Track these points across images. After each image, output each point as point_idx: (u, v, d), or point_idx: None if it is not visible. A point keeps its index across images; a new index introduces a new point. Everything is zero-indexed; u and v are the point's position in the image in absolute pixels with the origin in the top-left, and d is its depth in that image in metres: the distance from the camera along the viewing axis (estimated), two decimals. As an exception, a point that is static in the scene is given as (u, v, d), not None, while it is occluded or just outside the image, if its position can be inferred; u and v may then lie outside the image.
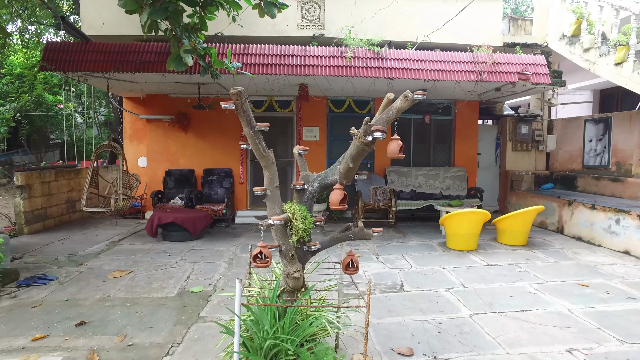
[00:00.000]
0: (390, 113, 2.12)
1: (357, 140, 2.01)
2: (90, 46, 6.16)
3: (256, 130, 2.16)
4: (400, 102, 2.12)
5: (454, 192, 8.83)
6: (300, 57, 6.39)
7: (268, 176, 2.30)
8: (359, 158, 2.11)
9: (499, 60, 6.55)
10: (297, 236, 2.29)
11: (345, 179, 2.19)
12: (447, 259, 5.81)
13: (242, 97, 2.07)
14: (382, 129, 1.94)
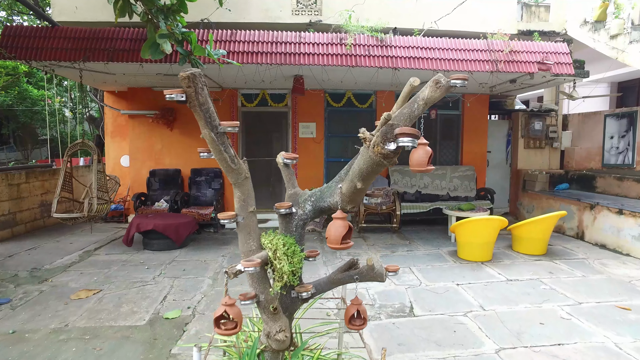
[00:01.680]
0: (415, 106, 1.45)
1: (371, 150, 1.34)
2: (57, 32, 5.44)
3: (219, 133, 1.48)
4: (431, 91, 1.45)
5: (462, 193, 8.18)
6: (294, 44, 5.68)
7: (240, 197, 1.62)
8: (371, 175, 1.43)
9: (517, 49, 5.86)
10: (281, 282, 1.62)
11: (350, 203, 1.52)
12: (461, 272, 5.16)
13: (196, 84, 1.40)
14: (413, 133, 1.27)
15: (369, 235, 7.22)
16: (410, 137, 1.24)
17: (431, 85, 1.50)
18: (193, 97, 1.42)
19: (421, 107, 1.50)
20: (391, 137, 1.27)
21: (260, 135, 8.52)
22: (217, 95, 7.86)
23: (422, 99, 1.50)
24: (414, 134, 1.24)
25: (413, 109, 1.49)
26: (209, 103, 1.47)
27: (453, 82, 1.47)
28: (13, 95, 15.48)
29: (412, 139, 1.24)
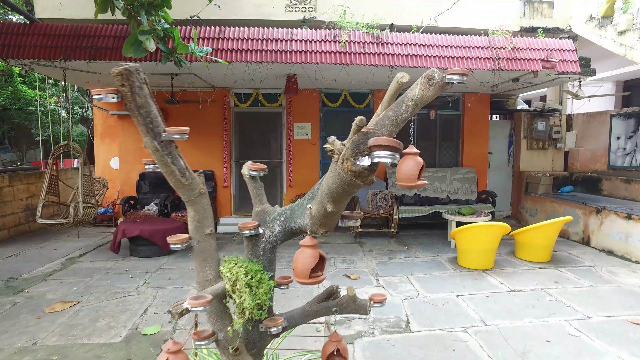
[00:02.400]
0: (403, 108, 1.18)
1: (340, 166, 1.06)
2: (35, 28, 5.18)
3: (164, 141, 1.21)
4: (422, 89, 1.18)
5: (463, 196, 7.90)
6: (286, 41, 5.41)
7: (194, 217, 1.36)
8: (344, 197, 1.16)
9: (520, 46, 5.58)
10: (242, 318, 1.35)
11: (322, 227, 1.25)
12: (461, 281, 4.88)
13: (132, 82, 1.13)
14: (392, 145, 0.99)
15: (365, 240, 6.95)
16: (388, 150, 0.97)
17: (422, 82, 1.23)
18: (129, 98, 1.15)
19: (410, 109, 1.23)
20: (364, 150, 1.00)
21: (253, 137, 8.26)
22: (208, 96, 7.60)
23: (412, 98, 1.23)
24: (393, 145, 0.97)
25: (400, 111, 1.22)
26: (151, 105, 1.21)
27: (450, 78, 1.20)
28: (6, 95, 15.23)
29: (391, 152, 0.97)
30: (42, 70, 5.80)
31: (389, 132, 1.22)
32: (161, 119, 1.26)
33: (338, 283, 4.98)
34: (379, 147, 0.96)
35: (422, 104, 1.23)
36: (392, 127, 1.20)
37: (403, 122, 1.23)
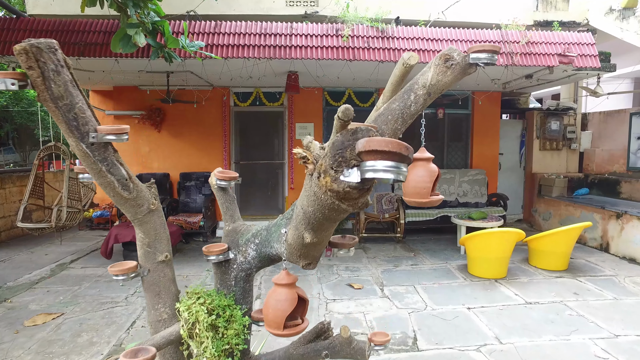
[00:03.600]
0: (412, 98, 0.88)
1: (315, 182, 0.74)
2: (21, 24, 4.93)
3: (95, 144, 0.91)
4: (437, 73, 0.88)
5: (472, 198, 7.54)
6: (285, 36, 5.11)
7: (143, 240, 1.07)
8: (326, 224, 0.84)
9: (535, 39, 5.23)
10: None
11: (302, 259, 0.95)
12: (472, 292, 4.54)
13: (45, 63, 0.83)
14: (394, 149, 0.65)
15: (370, 246, 6.62)
16: (388, 158, 0.64)
17: (437, 65, 0.92)
18: (40, 85, 0.86)
19: (421, 100, 0.92)
20: (352, 158, 0.68)
21: (254, 137, 7.97)
22: (207, 94, 7.33)
23: (423, 86, 0.92)
24: (396, 151, 0.63)
25: (408, 102, 0.91)
26: (73, 96, 0.91)
27: (475, 57, 0.89)
28: (8, 95, 15.11)
29: (394, 163, 0.64)
30: (30, 67, 5.55)
31: (392, 130, 0.91)
32: (92, 115, 0.96)
33: (340, 293, 4.68)
34: (374, 154, 0.63)
35: (437, 92, 0.93)
36: (396, 123, 0.90)
37: (411, 117, 0.93)
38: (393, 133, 0.90)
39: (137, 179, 1.05)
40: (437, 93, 0.92)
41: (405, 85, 0.97)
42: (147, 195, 1.04)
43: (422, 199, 0.88)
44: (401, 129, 0.92)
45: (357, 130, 0.70)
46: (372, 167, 0.62)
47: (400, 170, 0.61)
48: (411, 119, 0.93)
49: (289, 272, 0.97)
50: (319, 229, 0.80)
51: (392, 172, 0.61)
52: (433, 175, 0.89)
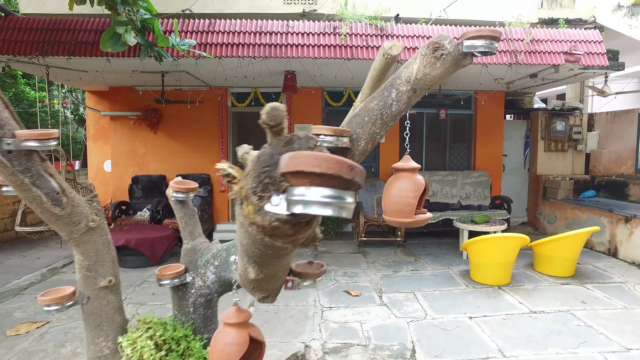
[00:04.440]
0: (393, 95, 0.74)
1: (240, 212, 0.57)
2: (10, 22, 4.80)
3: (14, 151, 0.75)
4: (423, 65, 0.73)
5: (475, 201, 7.35)
6: (281, 34, 4.96)
7: (81, 262, 0.91)
8: (268, 260, 0.67)
9: (540, 37, 5.04)
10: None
11: (258, 291, 0.78)
12: (474, 300, 4.36)
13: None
14: (328, 171, 0.43)
15: (369, 250, 6.45)
16: (325, 183, 0.43)
17: (425, 55, 0.77)
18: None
19: (405, 98, 0.77)
20: (282, 180, 0.50)
21: (252, 138, 7.82)
22: (204, 95, 7.19)
23: (407, 80, 0.77)
24: (336, 174, 0.41)
25: (389, 101, 0.77)
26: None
27: (469, 44, 0.72)
28: (9, 96, 15.07)
29: (335, 193, 0.43)
30: (20, 67, 5.44)
31: (369, 134, 0.76)
32: (12, 117, 0.80)
33: (337, 300, 4.51)
34: (302, 177, 0.44)
35: (424, 88, 0.77)
36: (374, 126, 0.74)
37: (393, 118, 0.77)
38: (371, 138, 0.74)
39: (73, 192, 0.90)
40: (425, 89, 0.76)
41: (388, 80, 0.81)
42: (86, 211, 0.89)
43: (405, 218, 0.72)
44: (381, 133, 0.77)
45: (292, 139, 0.53)
46: (302, 197, 0.43)
47: (343, 203, 0.43)
48: (393, 120, 0.77)
49: (240, 308, 0.81)
50: (263, 264, 0.64)
51: (331, 206, 0.43)
52: (419, 189, 0.73)
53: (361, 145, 0.78)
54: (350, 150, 0.79)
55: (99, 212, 0.94)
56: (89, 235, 0.90)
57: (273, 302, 0.81)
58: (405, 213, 0.71)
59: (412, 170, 0.76)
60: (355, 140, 0.73)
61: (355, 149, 0.77)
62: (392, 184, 0.73)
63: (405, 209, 0.71)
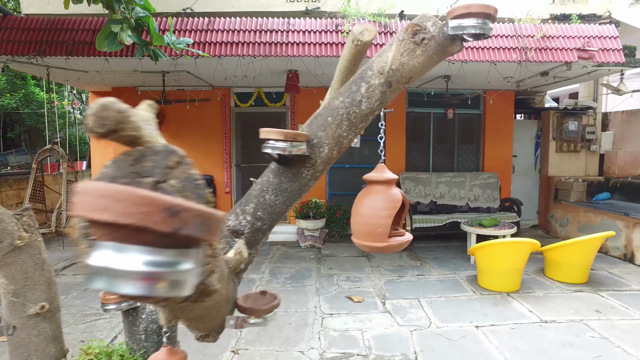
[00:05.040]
0: (363, 91, 0.59)
1: None
2: (8, 22, 4.75)
3: None
4: (401, 53, 0.58)
5: (484, 203, 7.14)
6: (282, 32, 4.83)
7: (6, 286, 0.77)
8: (170, 307, 0.52)
9: (551, 33, 4.83)
10: None
11: (193, 329, 0.64)
12: (481, 307, 4.18)
13: None
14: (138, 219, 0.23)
15: (374, 254, 6.28)
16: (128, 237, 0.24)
17: (402, 40, 0.64)
18: None
19: (377, 93, 0.65)
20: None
21: (256, 138, 7.70)
22: (207, 95, 7.10)
23: (380, 72, 0.68)
24: (138, 223, 0.25)
25: (357, 97, 0.65)
26: None
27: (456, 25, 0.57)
28: (18, 97, 15.22)
29: (155, 262, 0.26)
30: (19, 67, 5.40)
31: (334, 139, 0.63)
32: None
33: (338, 306, 4.36)
34: (100, 228, 0.27)
35: (402, 82, 0.63)
36: (339, 128, 0.63)
37: (363, 118, 0.64)
38: (336, 143, 0.60)
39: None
40: (402, 82, 0.62)
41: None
42: (11, 227, 0.76)
43: (376, 242, 0.58)
44: (349, 137, 0.63)
45: (144, 153, 0.39)
46: (104, 264, 0.27)
47: (173, 273, 0.27)
48: (363, 121, 0.63)
49: (173, 350, 0.67)
50: (171, 311, 0.50)
51: (151, 282, 0.28)
52: (394, 206, 0.59)
53: (324, 152, 0.65)
54: (310, 159, 0.66)
55: (29, 227, 0.81)
56: (15, 255, 0.77)
57: (215, 341, 0.67)
58: (377, 236, 0.57)
59: (386, 183, 0.62)
60: (317, 146, 0.60)
61: (316, 156, 0.64)
62: (362, 200, 0.59)
63: (376, 232, 0.57)
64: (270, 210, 0.81)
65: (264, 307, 0.71)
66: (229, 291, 0.61)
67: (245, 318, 0.72)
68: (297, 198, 0.84)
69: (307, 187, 0.83)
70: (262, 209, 0.81)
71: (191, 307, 0.47)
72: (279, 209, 0.82)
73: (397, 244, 0.61)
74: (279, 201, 0.80)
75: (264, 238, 0.82)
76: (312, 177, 0.83)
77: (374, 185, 0.63)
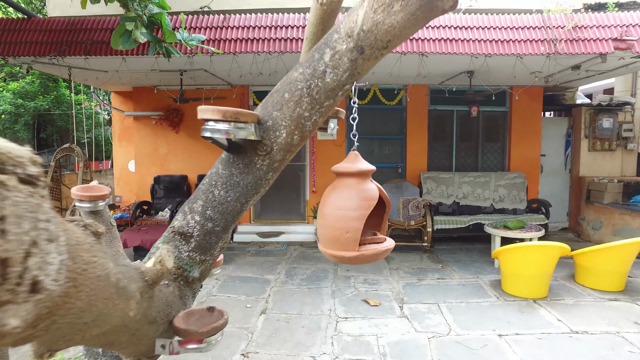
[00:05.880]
0: (326, 59, 0.48)
1: None
2: (32, 24, 4.85)
3: None
4: (374, 7, 0.42)
5: (510, 204, 6.83)
6: (298, 28, 4.73)
7: None
8: None
9: (584, 23, 4.52)
10: None
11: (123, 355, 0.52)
12: (505, 314, 3.95)
13: None
14: None
15: (393, 255, 6.09)
16: None
17: None
18: None
19: (345, 62, 0.53)
20: None
21: (274, 138, 7.67)
22: (224, 94, 7.09)
23: (348, 34, 0.54)
24: None
25: (319, 67, 0.53)
26: None
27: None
28: (50, 99, 15.81)
29: None
30: (42, 68, 5.51)
31: (293, 120, 0.53)
32: None
33: (354, 310, 4.21)
34: None
35: (377, 48, 0.51)
36: (299, 107, 0.50)
37: (330, 94, 0.52)
38: (297, 125, 0.48)
39: None
40: (379, 48, 0.49)
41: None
42: None
43: (344, 250, 0.45)
44: (312, 118, 0.50)
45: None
46: None
47: None
48: (330, 98, 0.50)
49: None
50: None
51: None
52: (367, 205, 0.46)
53: (282, 137, 0.53)
54: (263, 145, 0.54)
55: None
56: None
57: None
58: (344, 243, 0.44)
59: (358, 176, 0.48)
60: (272, 129, 0.49)
61: (271, 142, 0.53)
62: (328, 197, 0.47)
63: (344, 238, 0.45)
64: (222, 209, 0.70)
65: (202, 330, 0.59)
66: (148, 310, 0.50)
67: (181, 341, 0.61)
68: (254, 194, 0.71)
69: (265, 181, 0.70)
70: (211, 207, 0.70)
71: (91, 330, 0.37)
72: (231, 207, 0.70)
73: (372, 253, 0.48)
74: (230, 198, 0.68)
75: (220, 242, 0.70)
76: (269, 169, 0.71)
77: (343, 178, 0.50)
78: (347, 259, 0.47)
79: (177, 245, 0.65)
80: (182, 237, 0.66)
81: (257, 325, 3.77)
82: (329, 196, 0.49)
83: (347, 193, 0.48)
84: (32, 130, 16.41)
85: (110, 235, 0.78)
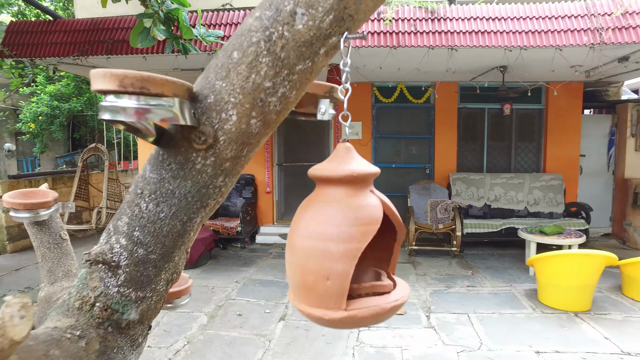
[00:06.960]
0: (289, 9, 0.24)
1: None
2: (57, 25, 4.91)
3: None
4: None
5: (546, 208, 6.40)
6: (319, 23, 4.54)
7: None
8: None
9: (635, 9, 4.12)
10: None
11: None
12: (542, 328, 3.62)
13: None
14: None
15: (420, 260, 5.82)
16: None
17: None
18: None
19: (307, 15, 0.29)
20: None
21: (298, 137, 7.54)
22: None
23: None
24: None
25: (284, 5, 0.29)
26: None
27: None
28: (83, 101, 16.33)
29: None
30: (66, 68, 5.59)
31: (247, 94, 0.31)
32: None
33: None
34: None
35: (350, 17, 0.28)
36: (255, 73, 0.29)
37: (305, 54, 0.30)
38: (253, 103, 0.29)
39: None
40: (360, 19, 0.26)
41: None
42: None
43: (322, 307, 0.26)
44: (280, 92, 0.29)
45: None
46: None
47: None
48: (306, 59, 0.28)
49: None
50: None
51: None
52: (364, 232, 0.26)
53: (231, 121, 0.34)
54: (200, 133, 0.36)
55: None
56: None
57: None
58: (322, 296, 0.26)
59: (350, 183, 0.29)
60: (214, 109, 0.30)
61: (214, 128, 0.34)
62: (299, 218, 0.27)
63: (321, 286, 0.25)
64: (154, 230, 0.49)
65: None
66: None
67: None
68: (199, 209, 0.49)
69: (214, 189, 0.47)
70: (139, 226, 0.49)
71: None
72: (168, 228, 0.49)
73: (370, 314, 0.27)
74: (164, 214, 0.48)
75: (163, 273, 0.51)
76: (217, 171, 0.49)
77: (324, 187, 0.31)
78: (326, 322, 0.28)
79: (102, 277, 0.49)
80: (107, 267, 0.50)
81: (275, 332, 3.62)
82: (301, 217, 0.30)
83: (329, 212, 0.29)
84: (66, 130, 17.00)
85: (59, 252, 0.63)
